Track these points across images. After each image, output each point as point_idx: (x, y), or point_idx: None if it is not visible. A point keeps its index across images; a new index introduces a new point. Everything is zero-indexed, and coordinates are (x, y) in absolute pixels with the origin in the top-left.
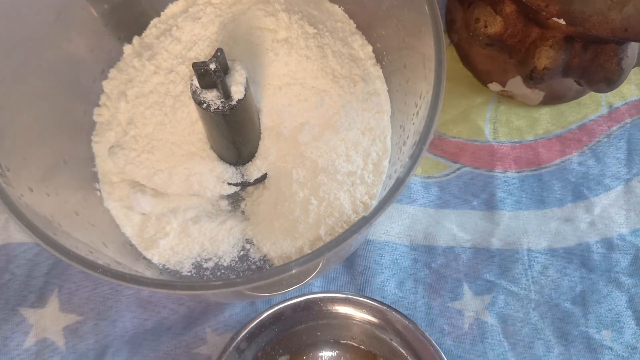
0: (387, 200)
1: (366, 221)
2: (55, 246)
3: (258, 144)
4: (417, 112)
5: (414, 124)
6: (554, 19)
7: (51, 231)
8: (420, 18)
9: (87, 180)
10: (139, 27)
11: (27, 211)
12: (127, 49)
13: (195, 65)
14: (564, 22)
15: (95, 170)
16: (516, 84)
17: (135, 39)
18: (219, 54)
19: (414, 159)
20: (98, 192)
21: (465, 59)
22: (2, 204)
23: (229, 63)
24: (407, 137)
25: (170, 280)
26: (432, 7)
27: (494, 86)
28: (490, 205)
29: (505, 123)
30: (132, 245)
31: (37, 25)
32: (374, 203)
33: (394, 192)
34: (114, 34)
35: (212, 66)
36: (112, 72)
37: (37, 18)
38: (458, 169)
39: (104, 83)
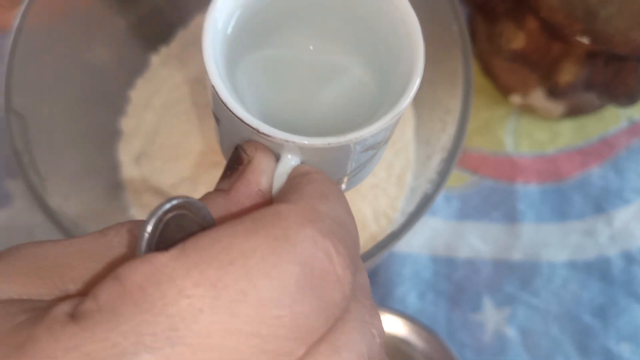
0: (415, 216)
1: (395, 237)
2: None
3: None
4: (444, 129)
5: (439, 139)
6: (577, 37)
7: None
8: (448, 35)
9: (113, 188)
10: (166, 38)
11: (64, 220)
12: (154, 59)
13: None
14: (587, 41)
15: (121, 178)
16: (537, 97)
17: (163, 49)
18: None
19: (442, 175)
20: (123, 200)
21: (487, 70)
22: (43, 214)
23: None
24: (433, 152)
25: None
26: (460, 25)
27: (515, 98)
28: (511, 217)
29: (526, 135)
30: None
31: (66, 35)
32: (397, 216)
33: (422, 207)
34: (141, 44)
35: None
36: (139, 82)
37: (67, 28)
38: (479, 182)
39: (131, 92)
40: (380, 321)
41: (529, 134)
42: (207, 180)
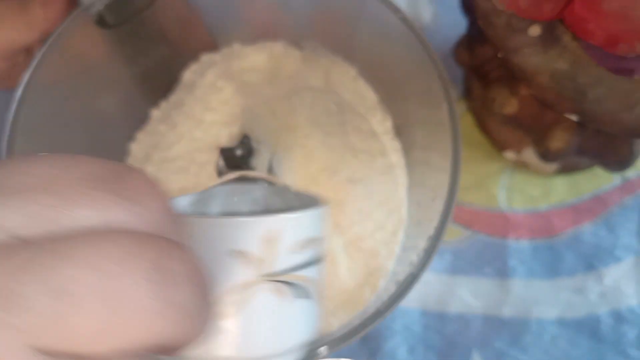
0: (399, 295)
1: (380, 315)
2: None
3: None
4: (433, 199)
5: (430, 207)
6: (566, 115)
7: None
8: (436, 114)
9: None
10: (167, 92)
11: None
12: (155, 113)
13: (222, 151)
14: (576, 119)
15: None
16: (530, 155)
17: (163, 104)
18: (245, 140)
19: (428, 253)
20: None
21: (482, 126)
22: None
23: (254, 145)
24: (422, 218)
25: None
26: (450, 106)
27: (509, 154)
28: (503, 273)
29: (519, 191)
30: None
31: (72, 84)
32: (389, 267)
33: (407, 287)
34: (144, 97)
35: (239, 152)
36: (140, 135)
37: (74, 77)
38: (472, 236)
39: (131, 145)
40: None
41: (522, 189)
42: None
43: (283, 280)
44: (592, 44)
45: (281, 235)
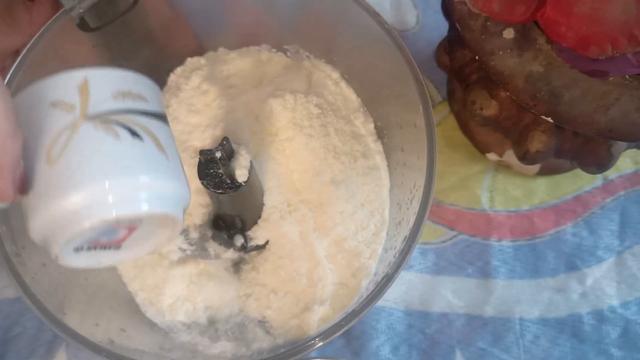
0: (374, 297)
1: (355, 315)
2: (63, 329)
3: (260, 215)
4: (411, 201)
5: (408, 209)
6: (542, 117)
7: (60, 308)
8: (414, 118)
9: None
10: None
11: (37, 291)
12: None
13: (202, 153)
14: (551, 121)
15: None
16: (513, 155)
17: None
18: (224, 142)
19: (404, 255)
20: None
21: (464, 128)
22: (16, 286)
23: (235, 147)
24: (402, 219)
25: None
26: (425, 108)
27: (492, 156)
28: (485, 273)
29: (502, 192)
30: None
31: None
32: (372, 268)
33: (383, 289)
34: None
35: (218, 154)
36: None
37: None
38: (455, 237)
39: None
40: None
41: (505, 190)
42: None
43: (108, 121)
44: (564, 47)
45: (92, 85)
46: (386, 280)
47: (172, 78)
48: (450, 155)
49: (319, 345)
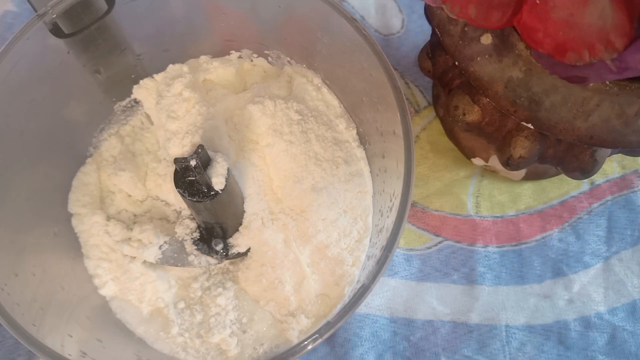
0: (349, 308)
1: (331, 326)
2: (35, 344)
3: (241, 222)
4: (390, 209)
5: (387, 217)
6: (522, 123)
7: (32, 322)
8: (393, 126)
9: (77, 250)
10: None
11: (6, 303)
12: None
13: (176, 161)
14: (532, 127)
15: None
16: (498, 161)
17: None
18: (199, 150)
19: (380, 264)
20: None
21: (450, 133)
22: None
23: (211, 154)
24: (382, 227)
25: None
26: (405, 123)
27: (477, 161)
28: (470, 279)
29: (487, 197)
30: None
31: (38, 93)
32: (355, 275)
33: (359, 299)
34: (109, 98)
35: (193, 162)
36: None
37: (39, 87)
38: (440, 242)
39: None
40: None
41: (491, 196)
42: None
43: None
44: (542, 53)
45: None
46: (362, 291)
47: (151, 84)
48: (436, 161)
49: (298, 355)
